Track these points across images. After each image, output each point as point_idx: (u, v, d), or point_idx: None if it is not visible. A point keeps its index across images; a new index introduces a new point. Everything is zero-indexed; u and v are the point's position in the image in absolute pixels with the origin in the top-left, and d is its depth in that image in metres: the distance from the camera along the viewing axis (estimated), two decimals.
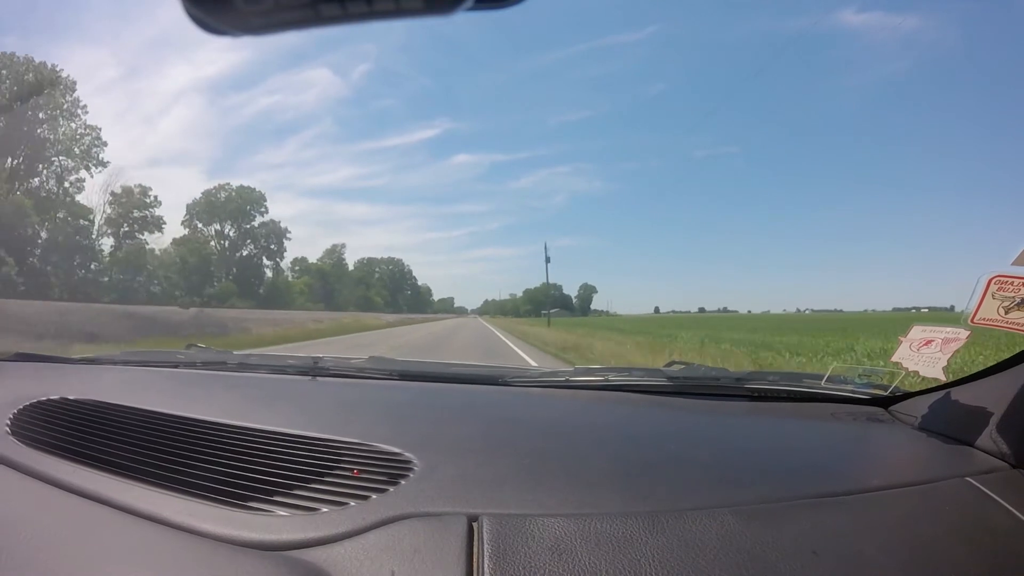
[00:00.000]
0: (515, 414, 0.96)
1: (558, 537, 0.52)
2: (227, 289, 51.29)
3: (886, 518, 0.59)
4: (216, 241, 55.93)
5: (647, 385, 1.08)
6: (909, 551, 0.54)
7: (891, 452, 0.81)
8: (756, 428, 0.93)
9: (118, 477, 0.67)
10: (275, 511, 0.60)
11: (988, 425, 0.72)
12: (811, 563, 0.50)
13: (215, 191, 57.65)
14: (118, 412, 0.85)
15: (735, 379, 1.10)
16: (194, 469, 0.68)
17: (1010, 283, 0.71)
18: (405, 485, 0.63)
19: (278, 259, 62.01)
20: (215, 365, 1.36)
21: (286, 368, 1.28)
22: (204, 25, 0.23)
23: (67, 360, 1.43)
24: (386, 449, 0.71)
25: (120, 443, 0.75)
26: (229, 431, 0.76)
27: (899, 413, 0.91)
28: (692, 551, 0.50)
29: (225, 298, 47.49)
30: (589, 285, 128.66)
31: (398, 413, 0.94)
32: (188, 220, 54.96)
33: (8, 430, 0.82)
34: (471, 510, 0.57)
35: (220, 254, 55.14)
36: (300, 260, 69.61)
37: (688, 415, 0.99)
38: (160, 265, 45.16)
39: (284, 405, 0.97)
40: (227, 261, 55.71)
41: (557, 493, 0.61)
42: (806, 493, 0.63)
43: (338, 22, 0.23)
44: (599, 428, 0.91)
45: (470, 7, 0.23)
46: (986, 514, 0.60)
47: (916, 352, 0.86)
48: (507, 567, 0.48)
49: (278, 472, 0.66)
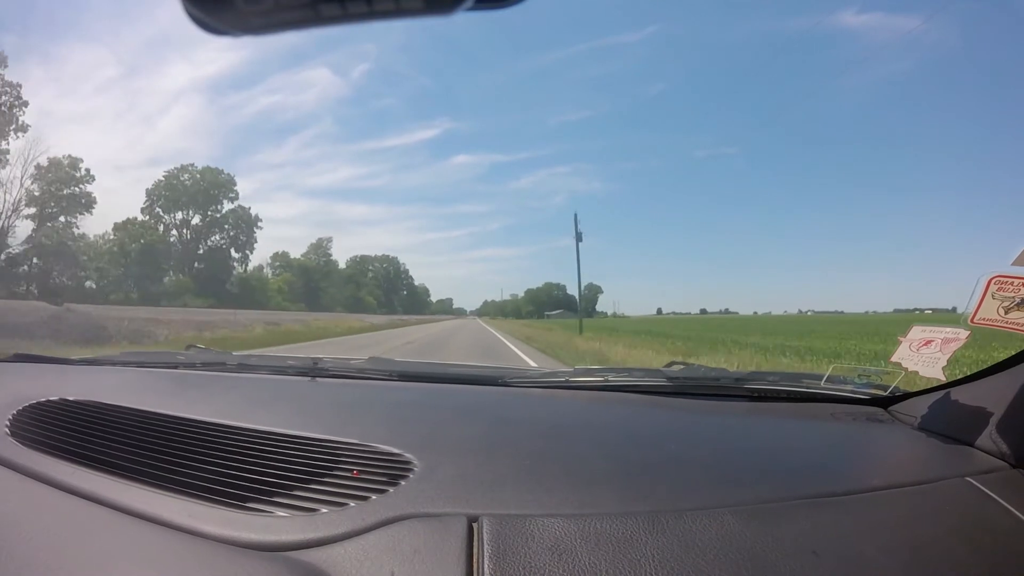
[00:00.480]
0: (515, 415, 0.96)
1: (558, 537, 0.52)
2: (181, 285, 44.58)
3: (886, 518, 0.58)
4: (177, 230, 49.30)
5: (647, 385, 1.09)
6: (909, 551, 0.54)
7: (891, 452, 0.81)
8: (756, 428, 0.93)
9: (118, 478, 0.67)
10: (275, 512, 0.60)
11: (988, 425, 0.72)
12: (811, 563, 0.50)
13: (177, 172, 50.29)
14: (118, 413, 0.85)
15: (735, 379, 1.10)
16: (193, 470, 0.68)
17: (1010, 283, 0.71)
18: (405, 486, 0.63)
19: (248, 251, 54.64)
20: (215, 366, 1.36)
21: (286, 369, 1.28)
22: (204, 25, 0.23)
23: (67, 361, 1.43)
24: (386, 450, 0.71)
25: (119, 444, 0.75)
26: (229, 432, 0.76)
27: (899, 413, 0.91)
28: (692, 551, 0.50)
29: (178, 295, 41.18)
30: (594, 285, 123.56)
31: (398, 414, 0.94)
32: (148, 206, 48.05)
33: (7, 431, 0.82)
34: (471, 510, 0.57)
35: (183, 245, 48.33)
36: (281, 255, 64.08)
37: (688, 415, 0.99)
38: (96, 255, 38.93)
39: (284, 406, 0.97)
40: (189, 253, 49.30)
41: (557, 493, 0.61)
42: (806, 493, 0.63)
43: (338, 22, 0.23)
44: (599, 428, 0.91)
45: (470, 7, 0.23)
46: (986, 514, 0.60)
47: (916, 352, 0.86)
48: (507, 567, 0.48)
49: (278, 473, 0.66)
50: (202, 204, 50.72)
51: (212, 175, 51.93)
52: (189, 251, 50.15)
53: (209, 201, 51.08)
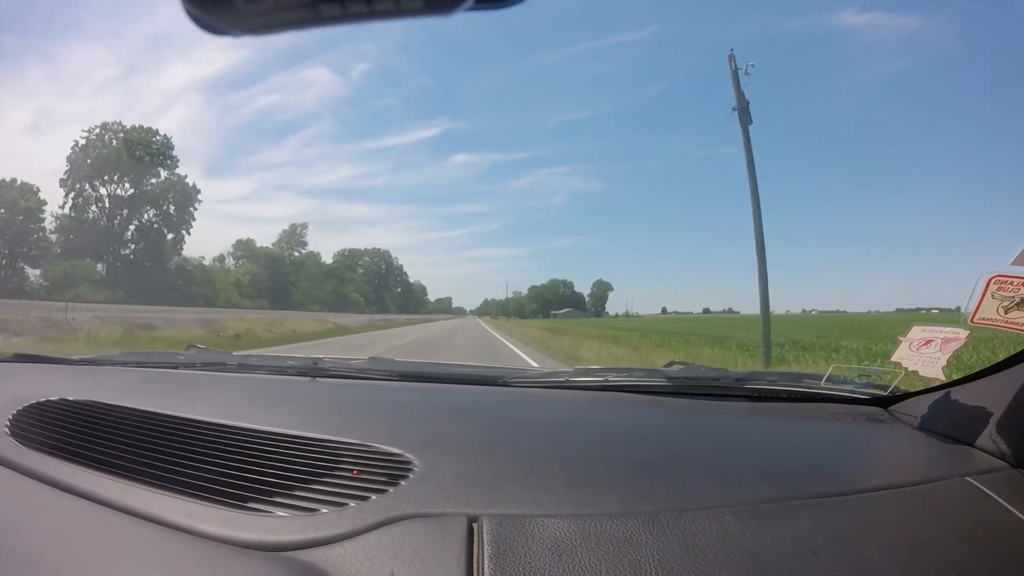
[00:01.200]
0: (515, 415, 0.96)
1: (558, 537, 0.52)
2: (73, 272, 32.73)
3: (886, 518, 0.58)
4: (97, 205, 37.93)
5: (647, 385, 1.09)
6: (909, 551, 0.54)
7: (891, 452, 0.81)
8: (756, 428, 0.93)
9: (118, 478, 0.67)
10: (275, 512, 0.60)
11: (988, 425, 0.72)
12: (811, 563, 0.50)
13: (101, 133, 38.77)
14: (118, 413, 0.85)
15: (735, 379, 1.10)
16: (194, 470, 0.68)
17: (1009, 283, 0.71)
18: (405, 486, 0.63)
19: (184, 231, 42.66)
20: (215, 366, 1.36)
21: (286, 369, 1.28)
22: (204, 25, 0.23)
23: (67, 361, 1.43)
24: (386, 450, 0.71)
25: (120, 444, 0.75)
26: (229, 432, 0.76)
27: (899, 413, 0.91)
28: (692, 551, 0.50)
29: (69, 285, 30.36)
30: (604, 282, 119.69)
31: (398, 414, 0.94)
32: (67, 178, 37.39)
33: (7, 431, 0.82)
34: (471, 510, 0.57)
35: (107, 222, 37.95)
36: (245, 243, 54.24)
37: (688, 415, 0.99)
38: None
39: (284, 406, 0.97)
40: (111, 234, 38.28)
41: (557, 493, 0.61)
42: (806, 493, 0.63)
43: (338, 22, 0.23)
44: (599, 428, 0.91)
45: (470, 7, 0.23)
46: (986, 514, 0.60)
47: (916, 352, 0.86)
48: (507, 567, 0.48)
49: (278, 473, 0.66)
50: (129, 173, 39.19)
51: (143, 136, 40.13)
52: (111, 232, 38.80)
53: (139, 171, 39.57)
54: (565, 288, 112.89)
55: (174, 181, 41.96)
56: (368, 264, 79.03)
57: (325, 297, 58.71)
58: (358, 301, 65.36)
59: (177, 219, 42.64)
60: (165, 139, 41.54)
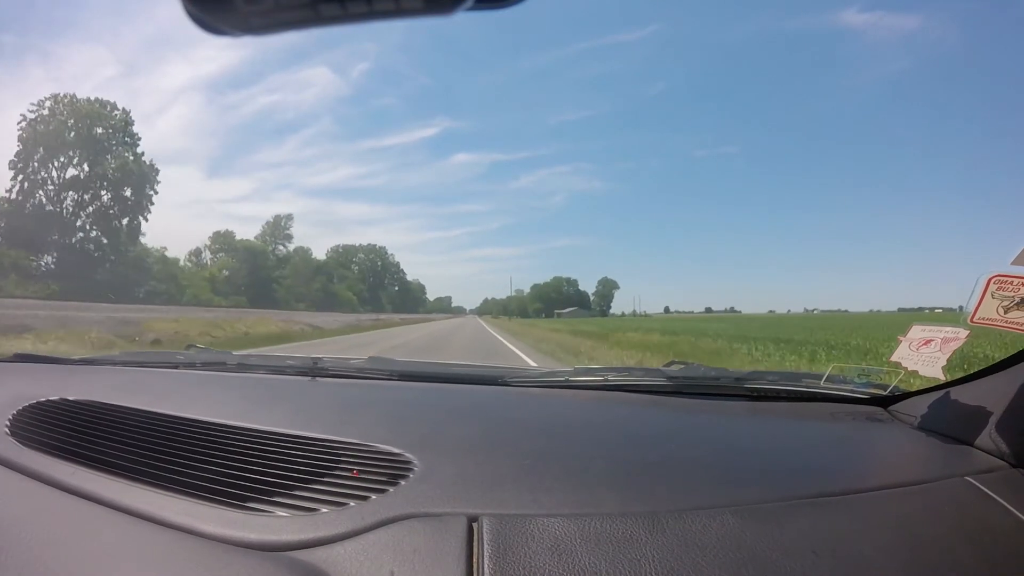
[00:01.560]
0: (515, 414, 0.96)
1: (558, 537, 0.52)
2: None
3: (886, 518, 0.58)
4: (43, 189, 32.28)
5: (647, 385, 1.09)
6: (909, 551, 0.54)
7: (891, 452, 0.81)
8: (756, 428, 0.93)
9: (117, 478, 0.68)
10: (275, 512, 0.60)
11: (988, 425, 0.72)
12: (811, 563, 0.50)
13: (54, 105, 33.27)
14: (117, 413, 0.85)
15: (735, 379, 1.10)
16: (193, 470, 0.68)
17: (1009, 283, 0.71)
18: (405, 485, 0.63)
19: (141, 217, 36.43)
20: (214, 366, 1.37)
21: (285, 368, 1.28)
22: (204, 25, 0.23)
23: (67, 361, 1.44)
24: (386, 449, 0.71)
25: (119, 444, 0.75)
26: (228, 432, 0.76)
27: (898, 413, 0.91)
28: (692, 551, 0.50)
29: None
30: (609, 280, 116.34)
31: (398, 413, 0.94)
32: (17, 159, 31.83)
33: (7, 431, 0.82)
34: (471, 510, 0.57)
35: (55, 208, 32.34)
36: (223, 235, 49.49)
37: (688, 415, 0.99)
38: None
39: (283, 405, 0.97)
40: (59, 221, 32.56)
41: (557, 493, 0.61)
42: (806, 493, 0.63)
43: (338, 22, 0.23)
44: (599, 428, 0.90)
45: (470, 7, 0.23)
46: (986, 514, 0.60)
47: (915, 351, 0.86)
48: (507, 567, 0.48)
49: (277, 472, 0.66)
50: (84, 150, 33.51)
51: (98, 110, 34.41)
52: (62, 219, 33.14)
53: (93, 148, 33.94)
54: (569, 286, 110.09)
55: (131, 160, 35.52)
56: (363, 261, 75.46)
57: (313, 295, 54.09)
58: (351, 299, 61.13)
59: (133, 202, 36.27)
60: (124, 113, 35.81)
